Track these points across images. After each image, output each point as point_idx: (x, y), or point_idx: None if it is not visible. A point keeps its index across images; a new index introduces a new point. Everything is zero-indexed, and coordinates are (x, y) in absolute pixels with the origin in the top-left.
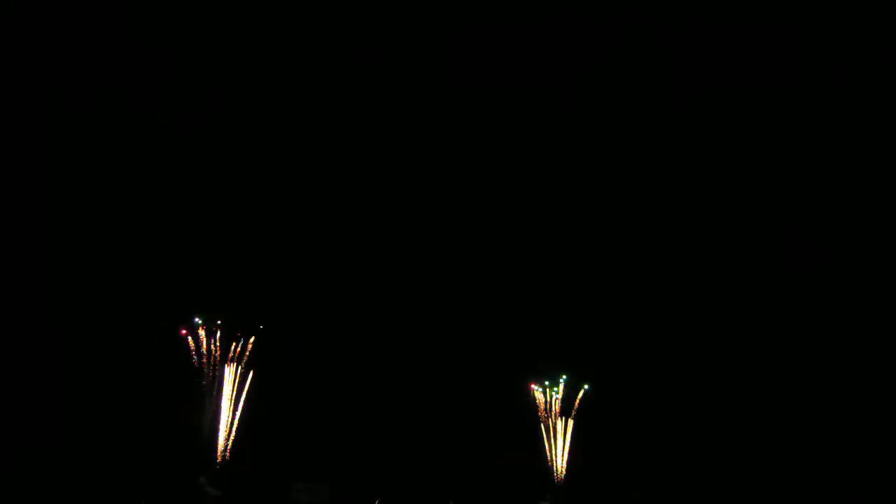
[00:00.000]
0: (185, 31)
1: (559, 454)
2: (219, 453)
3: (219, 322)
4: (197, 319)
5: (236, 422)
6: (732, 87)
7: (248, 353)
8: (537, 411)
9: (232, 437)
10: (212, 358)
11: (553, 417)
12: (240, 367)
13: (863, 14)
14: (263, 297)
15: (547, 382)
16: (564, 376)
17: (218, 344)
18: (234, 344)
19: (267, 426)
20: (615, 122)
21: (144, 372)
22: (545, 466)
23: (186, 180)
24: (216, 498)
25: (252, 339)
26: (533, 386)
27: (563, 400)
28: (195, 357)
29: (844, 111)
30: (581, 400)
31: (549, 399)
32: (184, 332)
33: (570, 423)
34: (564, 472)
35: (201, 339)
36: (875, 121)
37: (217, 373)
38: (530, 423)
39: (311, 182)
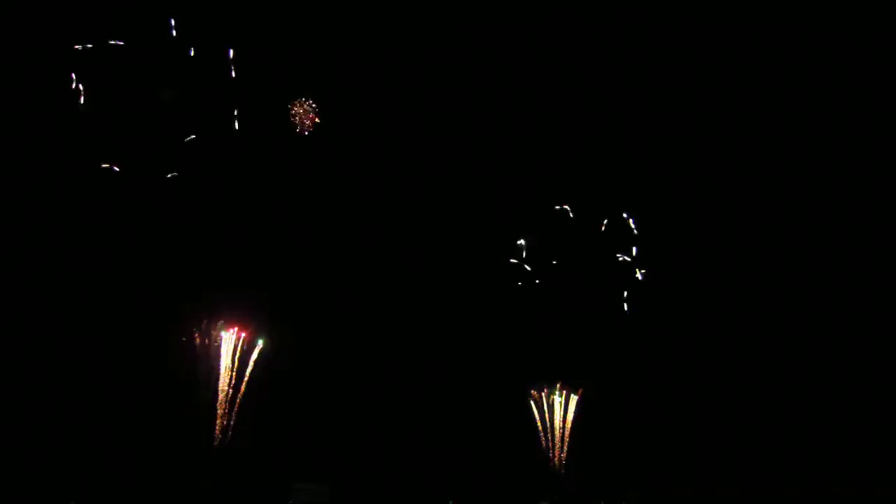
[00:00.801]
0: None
1: (559, 439)
2: (217, 453)
3: (218, 321)
4: (195, 318)
5: (233, 420)
6: (732, 87)
7: (242, 350)
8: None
9: (231, 437)
10: (210, 357)
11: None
12: (236, 366)
13: (863, 14)
14: (263, 297)
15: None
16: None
17: (216, 343)
18: (232, 343)
19: (267, 427)
20: (615, 122)
21: (143, 371)
22: (544, 467)
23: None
24: (215, 498)
25: (249, 338)
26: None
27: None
28: (193, 356)
29: (844, 111)
30: (578, 401)
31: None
32: (182, 331)
33: (574, 399)
34: (564, 462)
35: (199, 338)
36: (875, 121)
37: (216, 372)
38: (529, 423)
39: (312, 182)
